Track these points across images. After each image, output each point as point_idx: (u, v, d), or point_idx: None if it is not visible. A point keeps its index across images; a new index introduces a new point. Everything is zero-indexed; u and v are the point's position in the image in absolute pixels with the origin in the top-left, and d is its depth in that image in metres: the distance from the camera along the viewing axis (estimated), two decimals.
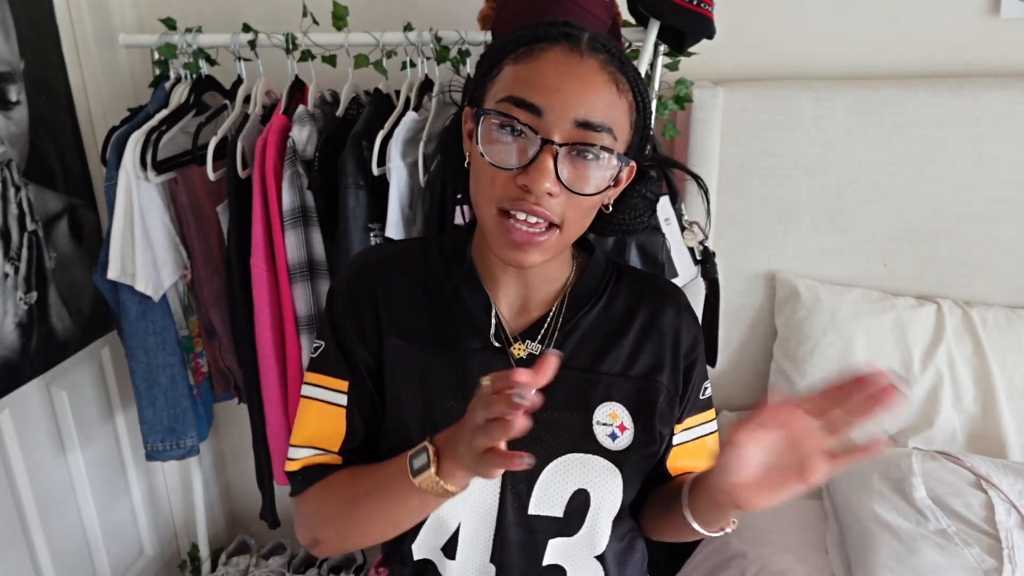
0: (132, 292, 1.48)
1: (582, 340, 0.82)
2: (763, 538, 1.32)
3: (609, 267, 0.87)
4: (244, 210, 1.42)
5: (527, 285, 0.82)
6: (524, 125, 0.69)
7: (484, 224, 0.75)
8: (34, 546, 1.52)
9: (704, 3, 1.26)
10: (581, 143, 0.70)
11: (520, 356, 0.80)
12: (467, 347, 0.80)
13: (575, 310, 0.82)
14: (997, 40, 1.56)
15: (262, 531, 1.92)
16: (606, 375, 0.81)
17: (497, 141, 0.70)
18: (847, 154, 1.56)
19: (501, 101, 0.71)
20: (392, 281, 0.82)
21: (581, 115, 0.69)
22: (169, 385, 1.56)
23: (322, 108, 1.45)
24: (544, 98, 0.69)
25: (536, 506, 0.79)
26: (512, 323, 0.82)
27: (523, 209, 0.70)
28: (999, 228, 1.57)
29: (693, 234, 1.36)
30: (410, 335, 0.80)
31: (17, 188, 1.43)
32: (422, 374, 0.79)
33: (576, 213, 0.73)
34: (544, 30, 0.72)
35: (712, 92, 1.53)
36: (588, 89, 0.70)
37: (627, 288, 0.86)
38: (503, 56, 0.73)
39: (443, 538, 0.81)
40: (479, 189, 0.73)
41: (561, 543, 0.81)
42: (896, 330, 1.54)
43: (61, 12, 1.53)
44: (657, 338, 0.83)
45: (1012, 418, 1.47)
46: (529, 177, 0.69)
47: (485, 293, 0.82)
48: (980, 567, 1.10)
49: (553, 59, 0.70)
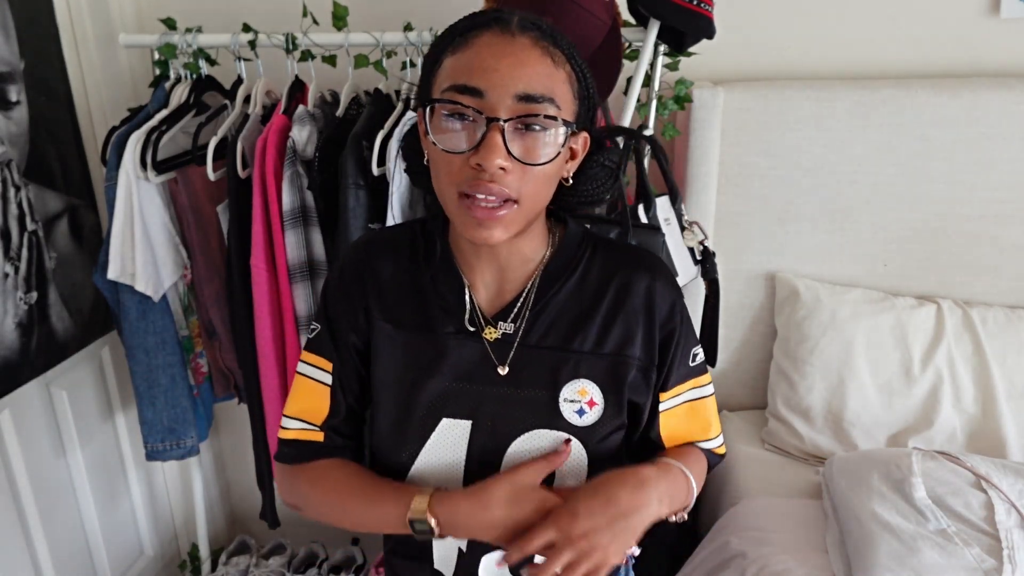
0: (132, 292, 1.48)
1: (554, 318, 0.84)
2: (763, 538, 1.32)
3: (584, 240, 0.88)
4: (244, 210, 1.43)
5: (501, 267, 0.84)
6: (468, 108, 0.72)
7: (448, 210, 0.78)
8: (34, 546, 1.52)
9: (704, 3, 1.26)
10: (525, 115, 0.72)
11: (493, 338, 0.83)
12: (443, 331, 0.83)
13: (547, 288, 0.84)
14: (997, 40, 1.56)
15: (262, 531, 1.92)
16: (576, 352, 0.83)
17: (447, 129, 0.74)
18: (847, 154, 1.56)
19: (445, 91, 0.74)
20: (381, 267, 0.86)
21: (520, 89, 0.72)
22: (169, 385, 1.57)
23: (322, 108, 1.45)
24: (483, 79, 0.72)
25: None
26: (487, 306, 0.85)
27: (481, 190, 0.73)
28: (999, 228, 1.57)
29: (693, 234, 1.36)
30: (395, 319, 0.85)
31: (17, 188, 1.43)
32: (403, 356, 0.84)
33: (533, 186, 0.75)
34: (475, 18, 0.76)
35: (712, 92, 1.53)
36: (524, 64, 0.72)
37: (601, 261, 0.87)
38: (441, 51, 0.77)
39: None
40: (439, 178, 0.77)
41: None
42: (896, 330, 1.54)
43: (61, 12, 1.53)
44: (629, 310, 0.84)
45: (1012, 418, 1.47)
46: (480, 155, 0.72)
47: (460, 278, 0.85)
48: (980, 567, 1.10)
49: (487, 42, 0.73)
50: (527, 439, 0.82)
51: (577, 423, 0.82)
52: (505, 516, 0.76)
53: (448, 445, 0.82)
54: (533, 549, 0.73)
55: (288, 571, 1.87)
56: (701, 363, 0.92)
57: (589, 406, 0.83)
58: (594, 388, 0.83)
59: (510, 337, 0.83)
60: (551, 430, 0.82)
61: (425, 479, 0.83)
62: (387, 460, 0.85)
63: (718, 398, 1.77)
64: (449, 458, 0.82)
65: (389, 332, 0.84)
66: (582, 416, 0.82)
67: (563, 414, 0.82)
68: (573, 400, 0.82)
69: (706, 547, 1.44)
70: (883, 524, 1.19)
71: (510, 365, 0.82)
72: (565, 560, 0.72)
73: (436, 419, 0.82)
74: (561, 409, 0.82)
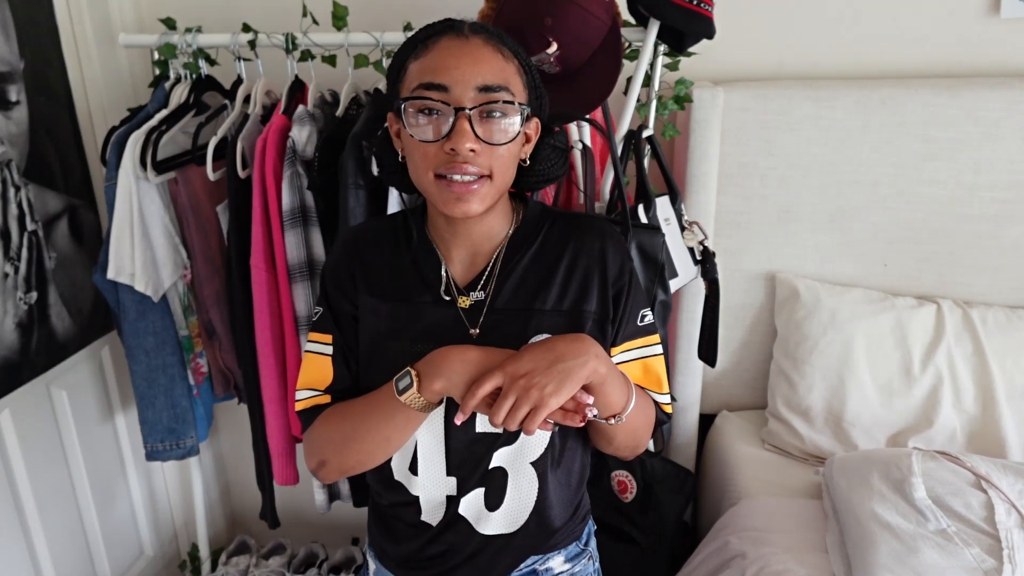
0: (132, 292, 1.48)
1: (519, 283, 0.94)
2: (763, 538, 1.32)
3: (543, 214, 0.99)
4: (244, 210, 1.43)
5: (473, 243, 0.95)
6: (438, 102, 0.84)
7: (427, 192, 0.89)
8: (34, 546, 1.52)
9: (704, 3, 1.26)
10: (486, 103, 0.84)
11: (465, 306, 0.93)
12: (421, 300, 0.94)
13: (511, 257, 0.95)
14: (997, 40, 1.56)
15: (262, 531, 1.92)
16: (539, 311, 0.93)
17: (420, 124, 0.86)
18: (847, 154, 1.56)
19: (415, 90, 0.85)
20: (367, 251, 0.98)
21: (479, 81, 0.84)
22: (169, 385, 1.57)
23: (322, 108, 1.45)
24: (447, 76, 0.84)
25: (482, 424, 0.93)
26: (460, 278, 0.96)
27: (456, 172, 0.85)
28: (999, 228, 1.57)
29: (693, 234, 1.36)
30: (379, 292, 0.95)
31: (17, 188, 1.43)
32: (384, 323, 0.94)
33: (500, 163, 0.87)
34: (430, 28, 0.88)
35: (712, 92, 1.53)
36: (480, 61, 0.85)
37: (559, 230, 0.97)
38: (405, 58, 0.89)
39: (408, 457, 0.96)
40: (416, 166, 0.88)
41: (504, 451, 0.94)
42: (896, 330, 1.54)
43: (61, 12, 1.53)
44: (583, 269, 0.94)
45: (1012, 418, 1.47)
46: (453, 141, 0.83)
47: (437, 255, 0.96)
48: (980, 567, 1.10)
49: (445, 45, 0.86)
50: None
51: None
52: (478, 355, 0.86)
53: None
54: (484, 391, 0.82)
55: (288, 571, 1.87)
56: (650, 323, 1.00)
57: None
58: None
59: (480, 304, 0.93)
60: None
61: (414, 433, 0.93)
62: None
63: (718, 398, 1.78)
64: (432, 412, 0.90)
65: (373, 305, 0.95)
66: None
67: None
68: None
69: (706, 547, 1.44)
70: (883, 524, 1.19)
71: (481, 328, 0.92)
72: (510, 401, 0.81)
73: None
74: None
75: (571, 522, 1.02)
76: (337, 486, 1.58)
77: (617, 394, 0.88)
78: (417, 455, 0.95)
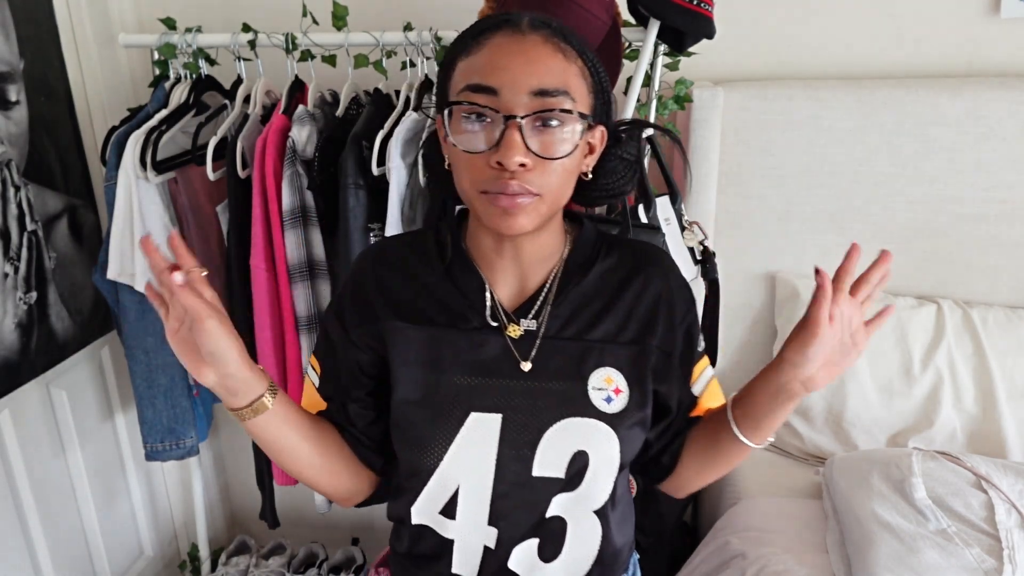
0: (132, 292, 1.48)
1: (575, 311, 0.86)
2: (763, 538, 1.32)
3: (599, 238, 0.90)
4: (244, 210, 1.42)
5: (522, 264, 0.86)
6: (485, 107, 0.73)
7: (473, 207, 0.79)
8: (34, 546, 1.52)
9: (704, 3, 1.26)
10: (541, 110, 0.73)
11: (515, 336, 0.84)
12: (464, 327, 0.84)
13: (567, 283, 0.86)
14: (997, 40, 1.56)
15: (262, 531, 1.92)
16: (599, 342, 0.85)
17: (465, 131, 0.75)
18: (847, 154, 1.56)
19: (460, 92, 0.75)
20: (389, 270, 0.88)
21: (534, 85, 0.73)
22: (169, 385, 1.56)
23: (322, 108, 1.45)
24: (497, 78, 0.73)
25: (540, 468, 0.83)
26: (508, 303, 0.86)
27: (503, 188, 0.74)
28: (999, 228, 1.57)
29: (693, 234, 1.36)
30: (412, 317, 0.85)
31: (17, 188, 1.43)
32: (425, 352, 0.84)
33: (554, 180, 0.76)
34: (486, 21, 0.78)
35: (712, 92, 1.53)
36: (536, 60, 0.74)
37: (618, 257, 0.89)
38: (455, 56, 0.78)
39: (442, 501, 0.86)
40: (461, 179, 0.78)
41: (563, 497, 0.85)
42: (896, 330, 1.54)
43: (61, 12, 1.53)
44: (648, 301, 0.87)
45: (1012, 418, 1.47)
46: (500, 154, 0.73)
47: (479, 275, 0.86)
48: (980, 567, 1.10)
49: (498, 43, 0.75)
50: (560, 428, 0.83)
51: (606, 410, 0.83)
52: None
53: (478, 440, 0.82)
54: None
55: (288, 571, 1.87)
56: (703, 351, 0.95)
57: (615, 393, 0.84)
58: (619, 376, 0.84)
59: (532, 333, 0.84)
60: (583, 418, 0.83)
61: (455, 476, 0.84)
62: (414, 459, 0.85)
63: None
64: (479, 453, 0.83)
65: (405, 330, 0.85)
66: (610, 403, 0.84)
67: (592, 402, 0.83)
68: (600, 388, 0.84)
69: (706, 547, 1.44)
70: (883, 524, 1.19)
71: (533, 360, 0.83)
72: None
73: (464, 413, 0.82)
74: (590, 397, 0.83)
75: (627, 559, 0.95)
76: None
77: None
78: (457, 497, 0.85)
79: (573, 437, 0.83)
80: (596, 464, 0.83)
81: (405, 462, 0.87)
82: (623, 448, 0.84)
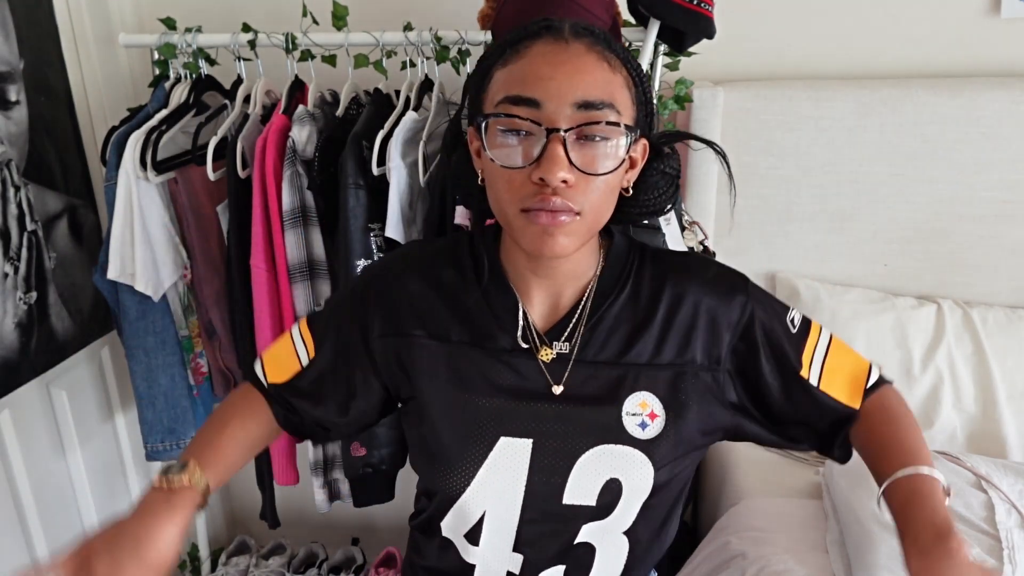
0: (132, 292, 1.48)
1: (609, 333, 0.82)
2: (763, 538, 1.32)
3: (632, 251, 0.86)
4: (244, 210, 1.42)
5: (557, 283, 0.82)
6: (526, 120, 0.69)
7: (510, 227, 0.75)
8: (34, 546, 1.52)
9: (704, 3, 1.26)
10: (586, 123, 0.70)
11: (547, 359, 0.81)
12: (496, 348, 0.81)
13: (600, 303, 0.82)
14: (997, 40, 1.56)
15: (262, 531, 1.92)
16: (634, 365, 0.81)
17: (504, 144, 0.71)
18: (847, 154, 1.56)
19: (499, 104, 0.71)
20: (425, 279, 0.84)
21: (579, 96, 0.69)
22: (169, 385, 1.56)
23: (322, 108, 1.45)
24: (539, 89, 0.69)
25: (570, 496, 0.80)
26: (541, 323, 0.83)
27: (545, 207, 0.70)
28: (999, 228, 1.57)
29: (693, 234, 1.36)
30: (442, 335, 0.82)
31: (17, 188, 1.43)
32: (452, 372, 0.82)
33: (597, 197, 0.72)
34: (525, 29, 0.74)
35: (712, 92, 1.53)
36: (580, 71, 0.70)
37: (651, 271, 0.84)
38: (491, 65, 0.75)
39: (467, 525, 0.83)
40: (499, 196, 0.74)
41: (593, 525, 0.82)
42: (896, 330, 1.54)
43: (61, 12, 1.52)
44: (685, 315, 0.82)
45: (1012, 418, 1.47)
46: (543, 169, 0.69)
47: (514, 295, 0.82)
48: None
49: (540, 51, 0.71)
50: (595, 455, 0.80)
51: (640, 436, 0.80)
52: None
53: (508, 465, 0.80)
54: None
55: (288, 571, 1.87)
56: (804, 320, 0.88)
57: (651, 418, 0.81)
58: (654, 400, 0.81)
59: (565, 356, 0.81)
60: (617, 445, 0.80)
61: (482, 502, 0.82)
62: (441, 483, 0.82)
63: None
64: (508, 478, 0.80)
65: (434, 349, 0.82)
66: (644, 429, 0.80)
67: (626, 428, 0.80)
68: (635, 414, 0.81)
69: (706, 547, 1.44)
70: (883, 524, 1.19)
71: (566, 383, 0.80)
72: None
73: (494, 438, 0.80)
74: (624, 423, 0.80)
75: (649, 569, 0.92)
76: (337, 486, 1.58)
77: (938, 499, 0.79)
78: (483, 524, 0.82)
79: (606, 465, 0.80)
80: (629, 491, 0.81)
81: (430, 484, 0.85)
82: (658, 473, 0.81)
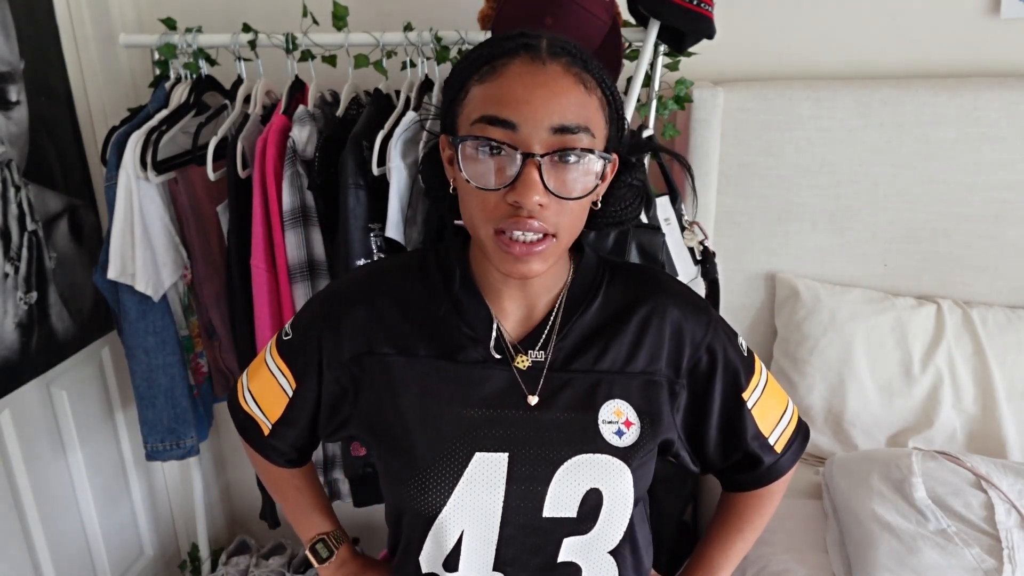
0: (132, 292, 1.48)
1: (581, 342, 0.83)
2: (763, 538, 1.31)
3: (600, 265, 0.87)
4: (244, 210, 1.42)
5: (529, 295, 0.83)
6: (502, 143, 0.70)
7: (483, 244, 0.75)
8: (34, 546, 1.52)
9: (704, 3, 1.26)
10: (561, 149, 0.70)
11: (523, 367, 0.81)
12: (468, 359, 0.81)
13: (572, 312, 0.83)
14: (997, 40, 1.56)
15: (262, 531, 1.92)
16: (608, 373, 0.81)
17: (479, 164, 0.71)
18: (847, 154, 1.56)
19: (475, 123, 0.71)
20: (388, 297, 0.84)
21: (555, 121, 0.69)
22: (169, 385, 1.56)
23: (322, 108, 1.45)
24: (516, 112, 0.69)
25: (551, 508, 0.80)
26: (514, 333, 0.83)
27: (519, 228, 0.71)
28: (999, 228, 1.57)
29: (693, 234, 1.36)
30: (410, 350, 0.82)
31: (17, 188, 1.43)
32: (425, 387, 0.81)
33: (570, 218, 0.74)
34: (501, 44, 0.73)
35: (712, 92, 1.53)
36: (557, 94, 0.70)
37: (622, 283, 0.86)
38: (467, 77, 0.74)
39: (445, 550, 0.82)
40: (472, 213, 0.74)
41: (575, 541, 0.82)
42: (896, 330, 1.54)
43: (61, 12, 1.53)
44: (655, 327, 0.83)
45: (1012, 418, 1.47)
46: (517, 193, 0.69)
47: (485, 305, 0.82)
48: (980, 567, 1.10)
49: (517, 71, 0.71)
50: (574, 465, 0.79)
51: (617, 444, 0.80)
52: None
53: (484, 482, 0.79)
54: None
55: (288, 571, 1.87)
56: (749, 349, 0.90)
57: (626, 426, 0.81)
58: (628, 408, 0.81)
59: (540, 364, 0.81)
60: (596, 454, 0.80)
61: (460, 521, 0.80)
62: (414, 505, 0.80)
63: None
64: (485, 497, 0.79)
65: (403, 364, 0.82)
66: (621, 437, 0.81)
67: (603, 435, 0.80)
68: (611, 421, 0.81)
69: None
70: (883, 524, 1.19)
71: (541, 393, 0.80)
72: None
73: (468, 455, 0.79)
74: (601, 431, 0.80)
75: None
76: (337, 486, 1.58)
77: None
78: (461, 547, 0.81)
79: (586, 475, 0.79)
80: (610, 502, 0.80)
81: (406, 505, 0.83)
82: (636, 482, 0.81)
